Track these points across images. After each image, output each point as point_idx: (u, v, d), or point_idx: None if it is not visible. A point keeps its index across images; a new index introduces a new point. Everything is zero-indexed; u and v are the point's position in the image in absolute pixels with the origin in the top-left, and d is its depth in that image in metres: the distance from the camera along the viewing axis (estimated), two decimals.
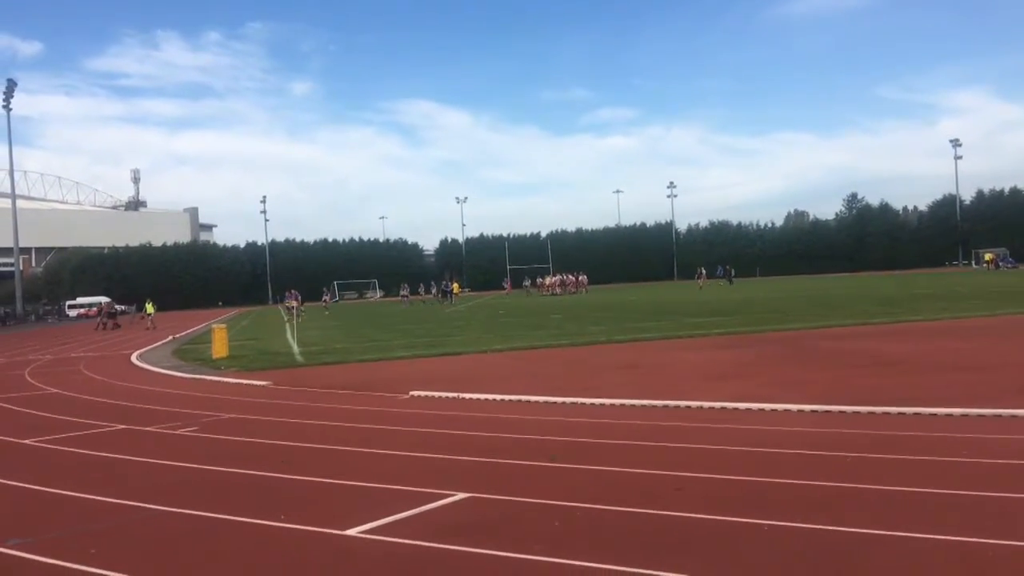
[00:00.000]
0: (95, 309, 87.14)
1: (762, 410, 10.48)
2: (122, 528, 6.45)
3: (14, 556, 5.78)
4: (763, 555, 5.08)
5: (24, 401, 15.57)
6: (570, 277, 73.15)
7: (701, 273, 73.40)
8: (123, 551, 5.78)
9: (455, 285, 69.23)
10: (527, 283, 78.00)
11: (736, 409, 10.64)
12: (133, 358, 25.05)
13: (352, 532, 5.90)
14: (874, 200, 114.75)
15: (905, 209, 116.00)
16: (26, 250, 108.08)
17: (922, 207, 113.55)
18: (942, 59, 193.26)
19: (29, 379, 20.26)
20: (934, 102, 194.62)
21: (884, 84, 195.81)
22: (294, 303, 47.98)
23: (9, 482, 8.31)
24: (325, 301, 65.36)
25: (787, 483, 6.79)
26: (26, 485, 8.14)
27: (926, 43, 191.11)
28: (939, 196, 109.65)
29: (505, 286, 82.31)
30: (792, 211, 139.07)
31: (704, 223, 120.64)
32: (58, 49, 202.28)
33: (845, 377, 13.26)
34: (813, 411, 10.21)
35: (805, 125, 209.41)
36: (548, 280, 74.38)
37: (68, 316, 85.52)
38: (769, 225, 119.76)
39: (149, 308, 51.24)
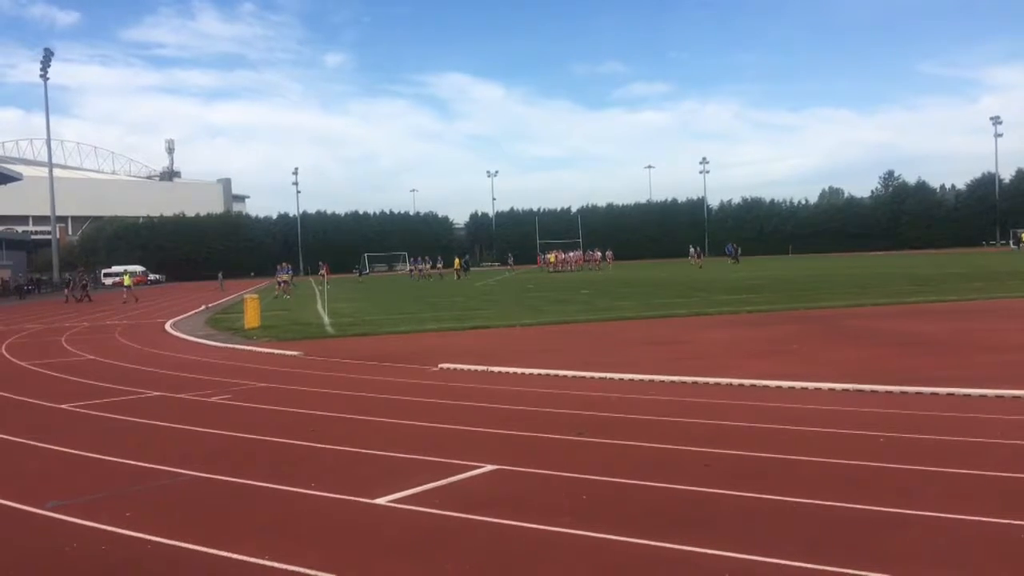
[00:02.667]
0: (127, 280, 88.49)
1: (792, 388, 10.41)
2: (157, 492, 6.57)
3: (53, 518, 5.92)
4: (790, 531, 5.07)
5: (61, 367, 15.87)
6: (587, 253, 72.29)
7: (698, 252, 69.45)
8: (157, 515, 5.89)
9: (457, 261, 68.13)
10: (540, 259, 75.31)
11: (766, 387, 10.58)
12: (167, 326, 25.40)
13: (380, 501, 5.97)
14: (911, 178, 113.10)
15: (942, 187, 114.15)
16: (62, 219, 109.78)
17: (960, 186, 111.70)
18: (985, 34, 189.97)
19: (66, 345, 20.63)
20: (976, 78, 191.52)
21: (925, 59, 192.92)
22: (285, 277, 44.71)
23: (47, 446, 8.49)
24: (322, 275, 63.44)
25: (817, 461, 6.75)
26: (63, 449, 8.31)
27: (969, 18, 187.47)
28: (978, 175, 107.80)
29: (509, 263, 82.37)
30: (826, 188, 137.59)
31: (736, 200, 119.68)
32: (95, 19, 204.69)
33: (878, 356, 13.13)
34: (845, 390, 10.12)
35: (843, 101, 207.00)
36: (556, 256, 71.12)
37: (104, 284, 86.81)
38: (802, 202, 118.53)
39: (127, 280, 48.53)
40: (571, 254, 72.51)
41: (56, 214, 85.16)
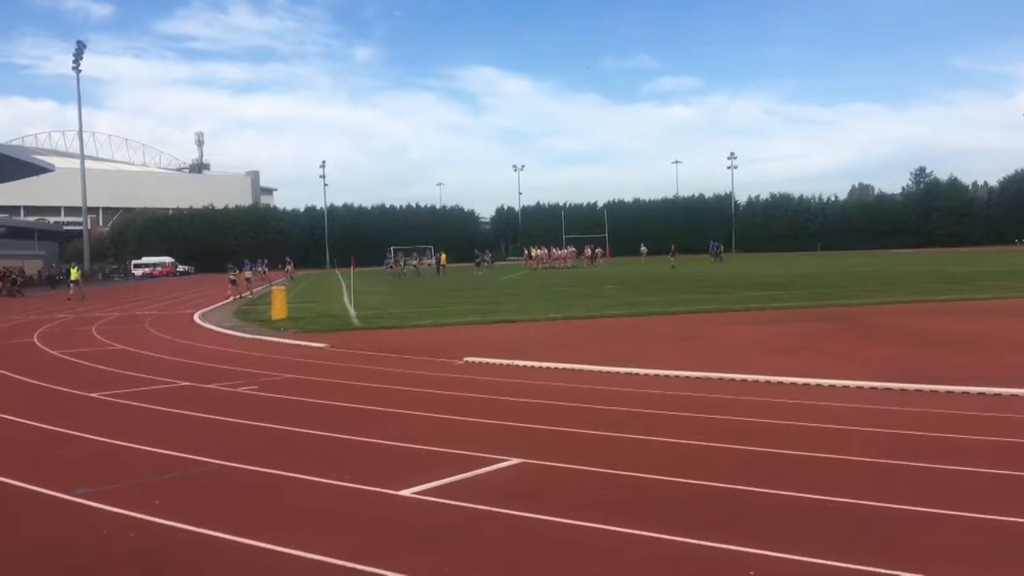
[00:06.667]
0: (159, 270, 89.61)
1: (819, 385, 10.32)
2: (185, 481, 6.64)
3: (82, 505, 6.00)
4: (817, 529, 5.03)
5: (92, 356, 16.07)
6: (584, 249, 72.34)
7: (672, 251, 65.15)
8: (185, 503, 5.95)
9: (443, 256, 66.77)
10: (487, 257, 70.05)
11: (793, 384, 10.50)
12: (196, 317, 25.64)
13: (405, 493, 5.99)
14: (943, 175, 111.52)
15: (974, 184, 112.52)
16: (94, 210, 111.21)
17: (992, 182, 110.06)
18: (1022, 28, 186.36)
19: (96, 335, 20.89)
20: (1012, 73, 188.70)
21: (960, 54, 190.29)
22: (248, 274, 41.07)
23: (77, 434, 8.60)
24: (288, 271, 61.11)
25: (844, 459, 6.69)
26: (93, 437, 8.42)
27: (1005, 11, 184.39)
28: (1011, 171, 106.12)
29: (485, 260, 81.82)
30: (856, 184, 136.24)
31: (764, 195, 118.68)
32: (128, 11, 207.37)
33: (907, 355, 12.98)
34: (873, 388, 10.02)
35: (875, 96, 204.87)
36: (538, 251, 69.39)
37: (133, 275, 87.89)
38: (832, 199, 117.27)
39: (74, 274, 44.15)
40: (563, 250, 71.97)
41: (87, 205, 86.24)
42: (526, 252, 73.13)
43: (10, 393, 11.80)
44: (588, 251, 71.69)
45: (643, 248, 78.63)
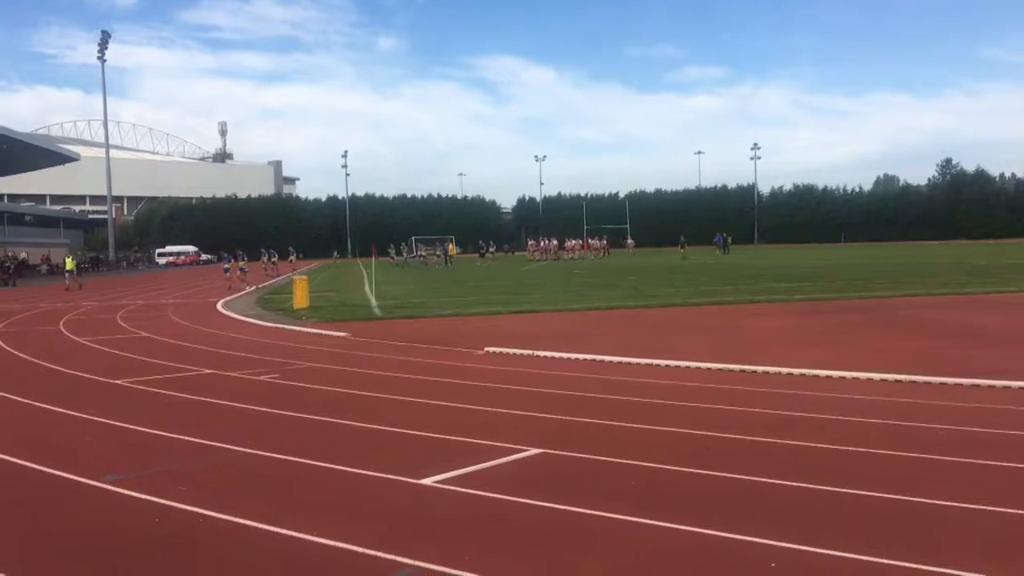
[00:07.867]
0: (183, 258, 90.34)
1: (843, 378, 10.24)
2: (209, 468, 6.69)
3: (110, 491, 6.07)
4: (841, 522, 4.99)
5: (116, 344, 16.23)
6: (593, 241, 72.06)
7: (683, 242, 64.05)
8: (210, 490, 6.00)
9: (452, 247, 65.67)
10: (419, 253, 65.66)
11: (817, 376, 10.42)
12: (218, 306, 25.82)
13: (426, 482, 6.01)
14: (970, 166, 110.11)
15: (1002, 176, 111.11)
16: (118, 199, 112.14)
17: (1020, 174, 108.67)
18: None
19: (121, 323, 21.10)
20: None
21: (989, 44, 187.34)
22: (242, 264, 39.05)
23: (104, 420, 8.69)
24: (292, 262, 58.27)
25: (868, 452, 6.64)
26: (119, 424, 8.50)
27: None
28: None
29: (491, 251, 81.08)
30: (881, 175, 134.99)
31: (788, 186, 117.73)
32: (153, 1, 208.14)
33: (933, 347, 12.86)
34: (898, 381, 9.93)
35: (902, 86, 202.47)
36: (537, 244, 69.39)
37: (158, 263, 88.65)
38: (856, 190, 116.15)
39: (69, 264, 42.53)
40: (572, 242, 71.79)
41: (112, 194, 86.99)
42: (530, 244, 73.04)
43: (38, 380, 11.95)
44: (596, 243, 71.54)
45: (630, 241, 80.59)
